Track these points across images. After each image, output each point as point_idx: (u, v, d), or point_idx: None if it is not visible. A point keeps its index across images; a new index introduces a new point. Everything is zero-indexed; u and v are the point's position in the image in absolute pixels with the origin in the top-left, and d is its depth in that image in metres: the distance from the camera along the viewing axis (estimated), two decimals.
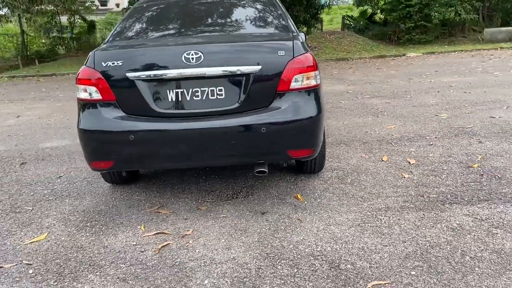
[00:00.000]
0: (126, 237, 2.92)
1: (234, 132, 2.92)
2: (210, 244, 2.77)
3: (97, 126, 2.99)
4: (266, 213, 3.17)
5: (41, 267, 2.62)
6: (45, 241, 2.92)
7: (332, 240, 2.74)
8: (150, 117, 2.97)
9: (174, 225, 3.07)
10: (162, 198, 3.54)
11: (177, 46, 3.09)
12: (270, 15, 3.74)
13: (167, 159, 3.03)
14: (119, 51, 3.08)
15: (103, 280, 2.45)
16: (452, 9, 16.67)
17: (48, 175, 4.26)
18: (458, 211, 3.04)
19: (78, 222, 3.20)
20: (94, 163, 3.09)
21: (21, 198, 3.71)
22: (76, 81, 3.10)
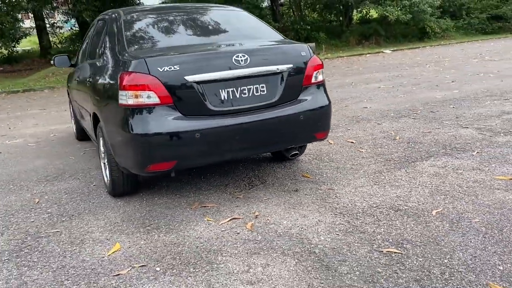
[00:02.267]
0: (206, 228, 3.12)
1: (279, 121, 3.43)
2: (288, 217, 3.21)
3: (160, 129, 3.13)
4: (299, 190, 3.73)
5: (156, 264, 2.68)
6: (126, 248, 2.91)
7: (371, 195, 3.46)
8: (206, 116, 3.25)
9: (235, 211, 3.35)
10: (191, 197, 3.72)
11: (227, 49, 3.44)
12: (259, 25, 4.29)
13: (225, 152, 3.35)
14: (175, 56, 3.26)
15: (236, 258, 2.70)
16: None
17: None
18: (423, 165, 4.12)
19: (139, 227, 3.22)
20: (153, 166, 3.19)
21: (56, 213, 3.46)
22: (122, 87, 3.16)
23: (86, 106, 4.21)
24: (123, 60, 3.29)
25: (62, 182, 4.34)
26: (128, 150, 3.22)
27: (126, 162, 3.33)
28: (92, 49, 4.52)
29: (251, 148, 3.42)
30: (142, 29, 3.80)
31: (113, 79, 3.33)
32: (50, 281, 2.55)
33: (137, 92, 3.09)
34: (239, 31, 4.02)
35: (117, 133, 3.27)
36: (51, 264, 2.76)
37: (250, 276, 2.47)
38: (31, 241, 3.10)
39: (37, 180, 4.47)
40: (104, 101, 3.47)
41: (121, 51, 3.46)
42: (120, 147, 3.31)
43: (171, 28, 3.92)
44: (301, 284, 2.35)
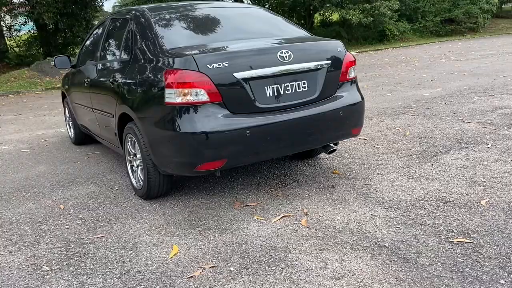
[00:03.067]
0: (260, 227, 3.05)
1: (323, 117, 3.43)
2: (339, 213, 3.20)
3: (211, 127, 3.05)
4: (335, 186, 3.74)
5: (227, 264, 2.61)
6: (186, 250, 2.82)
7: (412, 189, 3.51)
8: (254, 113, 3.21)
9: (281, 209, 3.31)
10: (228, 197, 3.64)
11: (272, 46, 3.40)
12: (284, 21, 4.27)
13: (273, 149, 3.31)
14: (223, 53, 3.19)
15: (307, 255, 2.67)
16: None
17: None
18: (446, 159, 4.23)
19: (188, 228, 3.12)
20: (203, 166, 3.11)
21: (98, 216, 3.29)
22: (169, 85, 3.07)
23: (106, 108, 4.05)
24: (166, 57, 3.19)
25: (80, 187, 4.15)
26: (175, 150, 3.12)
27: (170, 163, 3.23)
28: (107, 49, 4.36)
29: (297, 145, 3.39)
30: (173, 26, 3.70)
31: (154, 77, 3.22)
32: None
33: (185, 90, 3.00)
34: (268, 27, 3.99)
35: (161, 133, 3.16)
36: (112, 270, 2.63)
37: (330, 271, 2.44)
38: (77, 248, 2.94)
39: (51, 186, 4.25)
40: (142, 100, 3.34)
41: (158, 49, 3.35)
42: (164, 148, 3.20)
43: (202, 25, 3.84)
44: (387, 277, 2.35)
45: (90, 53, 4.95)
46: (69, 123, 6.01)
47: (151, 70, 3.27)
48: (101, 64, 4.33)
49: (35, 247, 3.01)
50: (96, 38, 4.81)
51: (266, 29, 3.94)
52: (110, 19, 4.46)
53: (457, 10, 26.23)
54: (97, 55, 4.50)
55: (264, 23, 4.07)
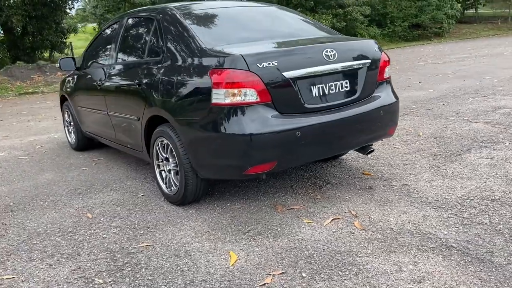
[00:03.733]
0: (314, 230, 2.95)
1: (366, 117, 3.38)
2: (389, 214, 3.14)
3: (262, 128, 2.94)
4: (372, 187, 3.69)
5: (296, 270, 2.52)
6: (245, 257, 2.70)
7: (451, 188, 3.50)
8: (302, 113, 3.12)
9: (327, 212, 3.23)
10: (266, 200, 3.54)
11: (317, 44, 3.31)
12: (311, 21, 4.20)
13: (321, 150, 3.23)
14: (272, 51, 3.09)
15: (376, 258, 2.60)
16: None
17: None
18: (470, 158, 4.26)
19: (237, 233, 3.00)
20: (253, 168, 2.99)
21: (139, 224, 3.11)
22: (217, 85, 2.95)
23: (129, 111, 3.87)
24: (210, 57, 3.06)
25: (100, 195, 3.94)
26: (223, 153, 2.99)
27: (215, 167, 3.10)
28: (126, 50, 4.17)
29: (343, 146, 3.33)
30: (205, 25, 3.57)
31: (197, 78, 3.08)
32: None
33: (234, 90, 2.88)
34: (297, 26, 3.92)
35: (206, 135, 3.03)
36: (174, 280, 2.48)
37: (408, 274, 2.37)
38: (125, 258, 2.77)
39: (68, 194, 4.03)
40: (181, 102, 3.19)
41: (198, 49, 3.21)
42: (209, 151, 3.07)
43: (232, 24, 3.73)
44: (470, 278, 2.30)
45: (101, 55, 4.74)
46: (68, 128, 5.74)
47: (193, 70, 3.13)
48: (120, 65, 4.14)
49: (76, 258, 2.81)
50: (108, 39, 4.60)
51: (296, 27, 3.87)
52: (127, 18, 4.26)
53: (424, 16, 26.93)
54: (112, 57, 4.30)
55: (292, 22, 3.99)
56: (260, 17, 3.94)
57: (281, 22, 3.94)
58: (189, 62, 3.19)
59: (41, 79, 15.03)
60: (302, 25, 3.98)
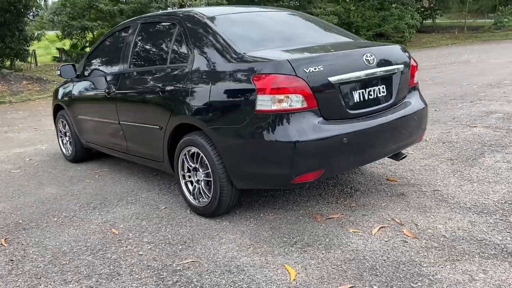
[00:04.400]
0: (364, 240, 2.86)
1: (403, 123, 3.33)
2: (434, 221, 3.07)
3: (311, 135, 2.84)
4: (404, 193, 3.65)
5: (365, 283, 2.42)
6: (303, 270, 2.58)
7: (485, 193, 3.49)
8: (345, 119, 3.04)
9: (369, 220, 3.16)
10: (300, 210, 3.43)
11: (358, 49, 3.24)
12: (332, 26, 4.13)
13: (364, 156, 3.15)
14: (318, 56, 2.99)
15: (442, 268, 2.54)
16: None
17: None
18: (488, 162, 4.30)
19: (284, 246, 2.86)
20: (301, 177, 2.88)
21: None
22: (263, 91, 2.83)
23: (148, 120, 3.68)
24: (251, 62, 2.93)
25: (118, 208, 3.72)
26: (269, 162, 2.86)
27: (258, 176, 2.96)
28: (142, 56, 3.98)
29: (383, 151, 3.27)
30: (236, 30, 3.42)
31: (237, 84, 2.94)
32: None
33: (281, 96, 2.77)
34: (323, 31, 3.85)
35: (249, 143, 2.89)
36: None
37: (483, 283, 2.32)
38: (173, 276, 2.60)
39: (80, 208, 3.79)
40: (218, 109, 3.04)
41: (234, 54, 3.07)
42: (252, 160, 2.93)
43: (262, 29, 3.61)
44: None
45: (107, 62, 4.50)
46: (63, 139, 5.44)
47: (231, 76, 2.99)
48: (134, 73, 3.93)
49: (117, 279, 2.61)
50: (117, 46, 4.38)
51: (322, 32, 3.80)
52: (140, 24, 4.06)
53: (387, 25, 27.61)
54: (124, 64, 4.08)
55: (315, 27, 3.92)
56: (282, 22, 3.85)
57: (305, 27, 3.87)
58: (225, 67, 3.05)
59: (6, 88, 14.36)
60: (325, 30, 3.91)
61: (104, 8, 18.81)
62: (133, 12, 19.90)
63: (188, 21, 3.46)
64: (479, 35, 30.89)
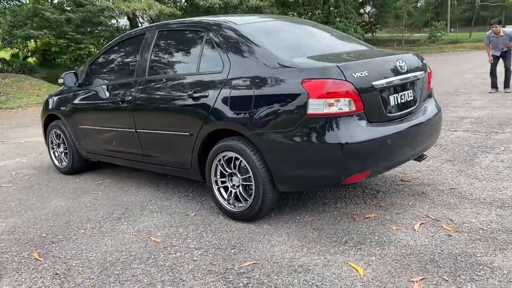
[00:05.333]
0: (411, 236, 2.99)
1: (429, 125, 3.56)
2: (466, 216, 3.26)
3: (360, 137, 2.97)
4: (425, 192, 3.86)
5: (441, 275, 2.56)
6: (368, 267, 2.68)
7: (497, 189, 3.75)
8: (385, 122, 3.21)
9: (405, 217, 3.32)
10: (332, 211, 3.54)
11: (392, 56, 3.41)
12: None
13: (402, 157, 3.33)
14: (363, 62, 3.14)
15: (499, 258, 2.73)
16: None
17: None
18: (485, 161, 4.63)
19: (337, 245, 2.96)
20: (351, 178, 3.00)
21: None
22: (314, 95, 2.95)
23: (176, 127, 3.67)
24: (299, 68, 3.03)
25: (145, 218, 3.68)
26: (321, 164, 2.96)
27: (306, 178, 3.05)
28: (165, 64, 3.97)
29: (414, 153, 3.45)
30: (269, 38, 3.50)
31: (285, 89, 3.02)
32: None
33: (333, 100, 2.89)
34: (345, 40, 4.02)
35: (299, 146, 2.98)
36: None
37: None
38: (241, 279, 2.63)
39: (105, 219, 3.70)
40: (263, 114, 3.11)
41: (278, 60, 3.15)
42: (300, 162, 3.02)
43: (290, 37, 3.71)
44: None
45: (116, 70, 4.44)
46: (55, 150, 5.25)
47: (277, 82, 3.06)
48: (155, 80, 3.89)
49: (184, 284, 2.62)
50: (127, 53, 4.34)
51: (345, 41, 3.96)
52: (158, 31, 4.04)
53: None
54: (140, 71, 4.03)
55: (336, 35, 4.09)
56: (303, 31, 3.98)
57: (325, 35, 4.01)
58: (269, 74, 3.11)
59: None
60: (343, 38, 4.08)
61: (50, 17, 18.11)
62: (82, 21, 19.33)
63: (220, 30, 3.50)
64: (416, 47, 32.70)
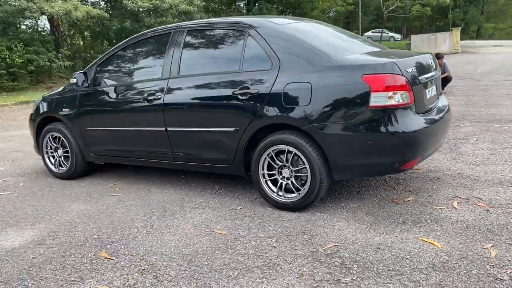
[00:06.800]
0: (456, 213, 3.37)
1: (449, 119, 4.04)
2: (488, 194, 3.68)
3: (417, 126, 3.29)
4: (439, 178, 4.31)
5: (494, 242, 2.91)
6: (437, 241, 2.99)
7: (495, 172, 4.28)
8: (424, 113, 3.60)
9: (440, 198, 3.70)
10: (378, 198, 3.82)
11: (425, 54, 3.80)
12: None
13: (437, 146, 3.73)
14: (410, 58, 3.48)
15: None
16: (45, 56, 17.21)
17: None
18: (467, 150, 5.22)
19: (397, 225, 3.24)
20: (409, 163, 3.33)
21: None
22: (377, 88, 3.26)
23: (215, 124, 3.78)
24: (357, 64, 3.29)
25: (190, 214, 3.73)
26: (381, 151, 3.26)
27: (364, 166, 3.33)
28: (198, 62, 4.05)
29: (442, 142, 3.86)
30: (311, 37, 3.75)
31: (345, 84, 3.26)
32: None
33: (392, 93, 3.21)
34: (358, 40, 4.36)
35: (361, 137, 3.23)
36: (418, 266, 2.69)
37: None
38: (337, 258, 2.83)
39: (149, 218, 3.70)
40: (322, 107, 3.34)
41: (332, 58, 3.39)
42: (361, 151, 3.29)
43: (323, 36, 3.96)
44: None
45: (136, 70, 4.43)
46: (51, 155, 5.05)
47: (336, 78, 3.29)
48: (190, 78, 3.95)
49: (281, 267, 2.76)
50: (149, 52, 4.35)
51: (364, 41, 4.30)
52: (187, 30, 4.10)
53: None
54: (170, 69, 4.07)
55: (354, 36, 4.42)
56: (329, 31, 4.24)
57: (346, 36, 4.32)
58: (325, 70, 3.33)
59: None
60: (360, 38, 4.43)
61: None
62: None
63: (265, 29, 3.66)
64: None
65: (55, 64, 17.48)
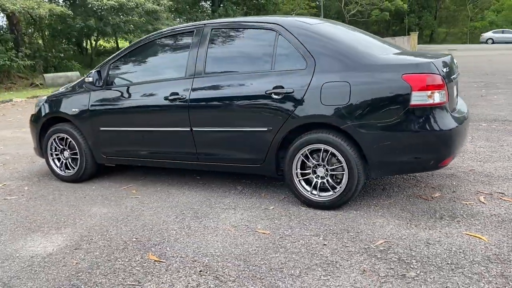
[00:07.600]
0: (486, 208, 3.50)
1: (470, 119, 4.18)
2: (508, 188, 3.85)
3: (453, 124, 3.37)
4: (454, 174, 4.48)
5: None
6: (481, 235, 3.10)
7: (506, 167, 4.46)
8: (454, 112, 3.74)
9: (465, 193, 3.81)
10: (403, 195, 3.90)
11: (448, 55, 3.90)
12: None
13: (462, 145, 3.84)
14: (441, 59, 3.57)
15: None
16: (4, 55, 16.57)
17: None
18: (469, 148, 5.49)
19: (436, 220, 3.32)
20: (446, 160, 3.43)
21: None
22: (418, 87, 3.35)
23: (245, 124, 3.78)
24: (396, 64, 3.37)
25: (223, 215, 3.70)
26: (422, 149, 3.35)
27: (404, 163, 3.40)
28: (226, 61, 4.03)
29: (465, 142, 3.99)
30: (343, 36, 3.81)
31: (385, 83, 3.33)
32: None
33: (431, 92, 3.32)
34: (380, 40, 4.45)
35: (403, 135, 3.29)
36: (467, 258, 2.79)
37: None
38: (392, 254, 2.88)
39: (181, 220, 3.65)
40: (363, 106, 3.39)
41: (369, 57, 3.46)
42: (403, 149, 3.35)
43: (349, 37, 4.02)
44: None
45: (156, 69, 4.36)
46: (55, 158, 4.88)
47: (375, 77, 3.36)
48: (217, 77, 3.93)
49: (341, 264, 2.80)
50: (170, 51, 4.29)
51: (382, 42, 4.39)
52: (212, 29, 4.07)
53: None
54: (195, 69, 4.02)
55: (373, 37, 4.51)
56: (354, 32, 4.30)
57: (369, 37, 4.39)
58: (363, 69, 3.39)
59: None
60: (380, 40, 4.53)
61: None
62: None
63: (297, 29, 3.68)
64: None
65: (16, 63, 16.77)
